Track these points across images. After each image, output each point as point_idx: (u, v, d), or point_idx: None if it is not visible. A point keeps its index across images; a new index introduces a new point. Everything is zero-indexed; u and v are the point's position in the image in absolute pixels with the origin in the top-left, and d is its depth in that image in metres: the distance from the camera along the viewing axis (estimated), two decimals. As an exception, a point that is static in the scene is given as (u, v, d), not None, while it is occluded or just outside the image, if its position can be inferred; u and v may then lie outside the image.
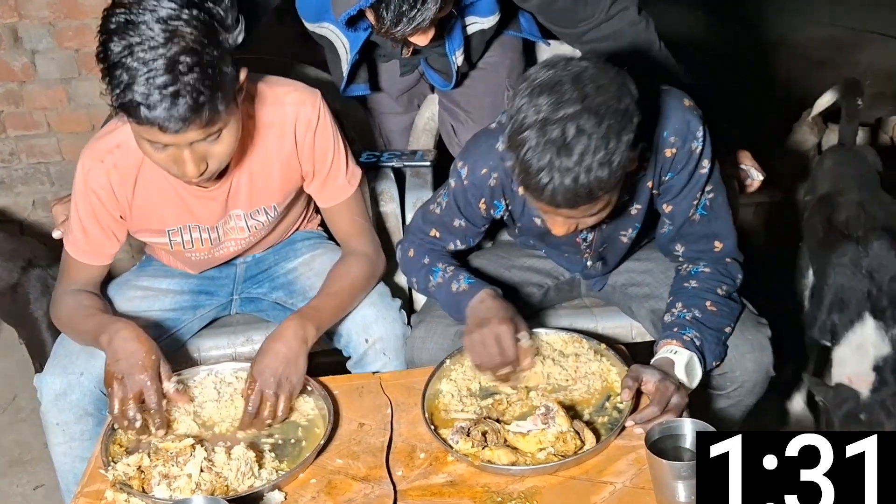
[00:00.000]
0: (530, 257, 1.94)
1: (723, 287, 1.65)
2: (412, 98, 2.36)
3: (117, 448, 1.49)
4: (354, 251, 1.79)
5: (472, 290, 1.64)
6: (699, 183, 1.62)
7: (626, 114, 1.35)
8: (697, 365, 1.54)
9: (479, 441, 1.41)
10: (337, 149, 1.73)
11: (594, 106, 1.33)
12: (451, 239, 1.79)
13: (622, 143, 1.34)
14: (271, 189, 1.72)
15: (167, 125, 1.35)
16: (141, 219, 1.69)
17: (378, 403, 1.58)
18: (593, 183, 1.34)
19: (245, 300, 1.94)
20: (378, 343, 1.74)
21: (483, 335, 1.53)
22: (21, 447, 2.48)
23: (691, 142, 1.57)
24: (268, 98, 1.64)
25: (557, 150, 1.32)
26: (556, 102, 1.33)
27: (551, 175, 1.34)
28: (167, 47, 1.32)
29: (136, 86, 1.32)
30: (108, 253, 1.72)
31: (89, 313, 1.66)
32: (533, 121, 1.34)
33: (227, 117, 1.43)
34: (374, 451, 1.47)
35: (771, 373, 1.68)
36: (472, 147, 1.70)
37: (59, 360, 1.71)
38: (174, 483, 1.35)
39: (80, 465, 1.68)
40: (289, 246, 1.95)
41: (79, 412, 1.68)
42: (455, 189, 1.71)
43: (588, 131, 1.32)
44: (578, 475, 1.38)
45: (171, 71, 1.32)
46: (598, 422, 1.49)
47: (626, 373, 1.52)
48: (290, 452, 1.48)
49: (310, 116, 1.67)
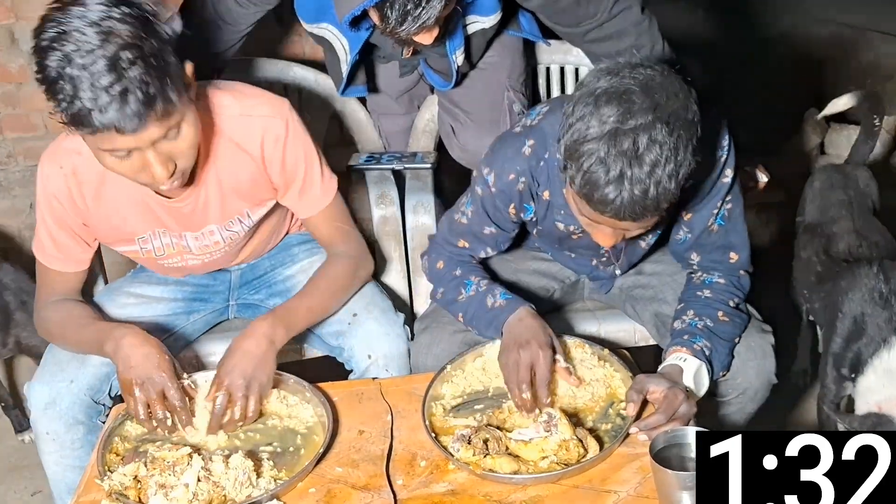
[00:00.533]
0: (536, 260, 1.92)
1: (734, 299, 1.64)
2: (412, 99, 2.35)
3: (113, 457, 1.47)
4: (339, 253, 1.76)
5: (511, 305, 1.61)
6: (721, 192, 1.60)
7: (692, 124, 1.33)
8: (705, 374, 1.53)
9: (481, 449, 1.39)
10: (309, 160, 1.69)
11: (665, 116, 1.30)
12: (482, 247, 1.76)
13: (689, 153, 1.32)
14: (242, 199, 1.68)
15: (123, 125, 1.31)
16: (106, 227, 1.65)
17: (378, 410, 1.56)
18: (661, 195, 1.31)
19: (242, 306, 1.92)
20: (381, 359, 1.72)
21: (520, 357, 1.50)
22: (19, 453, 2.46)
23: (716, 150, 1.55)
24: (234, 109, 1.60)
25: (629, 162, 1.29)
26: (627, 112, 1.30)
27: (620, 188, 1.30)
28: (104, 48, 1.29)
29: (82, 93, 1.29)
30: (81, 258, 1.69)
31: (83, 322, 1.64)
32: (600, 132, 1.31)
33: (182, 108, 1.39)
34: (374, 459, 1.45)
35: (773, 380, 1.66)
36: (497, 152, 1.66)
37: (49, 368, 1.69)
38: (171, 493, 1.33)
39: (71, 473, 1.67)
40: (284, 251, 1.93)
41: (69, 421, 1.66)
42: (483, 197, 1.68)
43: (660, 142, 1.29)
44: (582, 484, 1.36)
45: (113, 69, 1.29)
46: (602, 429, 1.47)
47: (629, 379, 1.50)
48: (288, 461, 1.46)
49: (278, 131, 1.62)
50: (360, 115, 2.34)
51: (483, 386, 1.60)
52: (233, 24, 1.93)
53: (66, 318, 1.66)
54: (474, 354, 1.64)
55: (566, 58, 2.30)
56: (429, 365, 1.70)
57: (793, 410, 2.46)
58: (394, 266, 2.06)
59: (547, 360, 1.50)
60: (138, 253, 1.72)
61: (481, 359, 1.64)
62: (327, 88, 2.31)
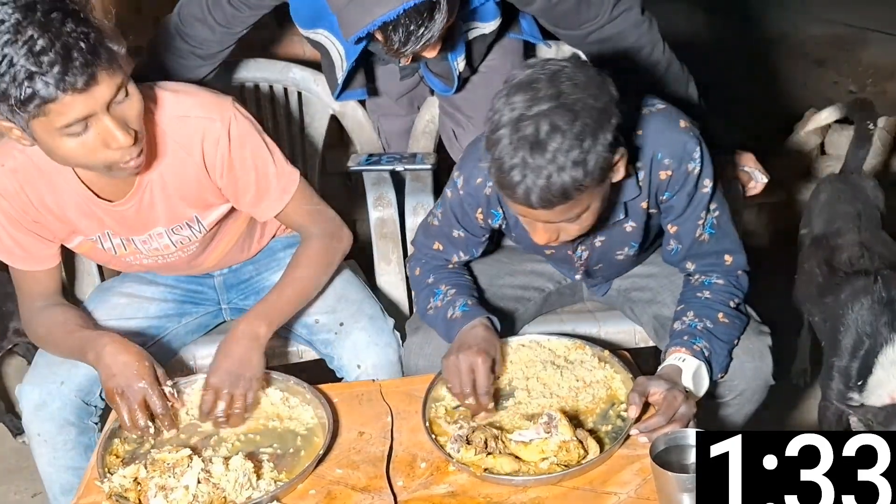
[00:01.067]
0: (532, 261, 1.92)
1: (734, 300, 1.64)
2: (412, 100, 2.35)
3: (113, 459, 1.47)
4: (311, 234, 1.73)
5: (466, 317, 1.62)
6: (702, 202, 1.60)
7: (603, 113, 1.33)
8: (705, 374, 1.53)
9: (481, 448, 1.39)
10: (260, 162, 1.63)
11: (569, 103, 1.31)
12: (454, 251, 1.76)
13: (598, 142, 1.32)
14: (188, 202, 1.64)
15: (74, 81, 1.26)
16: (56, 226, 1.62)
17: (378, 411, 1.57)
18: (567, 183, 1.32)
19: (234, 310, 1.92)
20: (370, 369, 1.72)
21: (459, 361, 1.51)
22: (19, 454, 2.46)
23: (687, 163, 1.55)
24: (173, 109, 1.55)
25: (530, 148, 1.31)
26: (531, 100, 1.32)
27: (524, 173, 1.32)
28: (28, 17, 1.24)
29: (21, 65, 1.23)
30: (48, 254, 1.66)
31: (68, 329, 1.63)
32: (507, 119, 1.33)
33: (125, 67, 1.35)
34: (374, 461, 1.45)
35: (771, 381, 1.66)
36: (467, 156, 1.68)
37: (39, 370, 1.69)
38: (171, 495, 1.34)
39: (65, 474, 1.67)
40: (269, 256, 1.91)
41: (60, 422, 1.66)
42: (451, 200, 1.69)
43: (562, 128, 1.30)
44: (582, 485, 1.36)
45: (47, 30, 1.24)
46: (602, 431, 1.46)
47: (630, 381, 1.50)
48: (288, 463, 1.46)
49: (218, 133, 1.57)
50: (359, 116, 2.34)
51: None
52: (226, 25, 1.93)
53: (52, 325, 1.65)
54: (474, 356, 1.64)
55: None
56: (420, 365, 1.71)
57: (792, 411, 2.47)
58: (391, 268, 2.06)
59: (485, 366, 1.50)
60: (91, 245, 1.67)
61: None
62: (327, 89, 2.31)
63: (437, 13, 1.59)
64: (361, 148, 2.35)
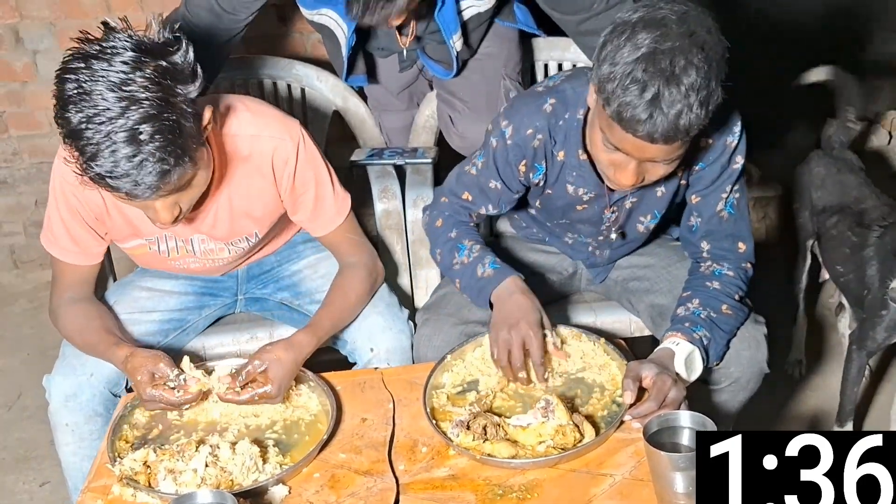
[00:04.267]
0: (534, 252, 1.94)
1: (739, 293, 1.66)
2: (412, 95, 2.38)
3: (123, 444, 1.50)
4: (353, 264, 1.79)
5: (498, 275, 1.63)
6: (731, 178, 1.62)
7: (723, 59, 1.35)
8: (699, 359, 1.55)
9: (480, 434, 1.42)
10: (321, 180, 1.71)
11: (700, 42, 1.32)
12: (484, 203, 1.76)
13: (719, 85, 1.34)
14: (252, 220, 1.72)
15: (136, 193, 1.35)
16: (119, 222, 1.67)
17: (380, 398, 1.60)
18: (693, 120, 1.32)
19: (250, 300, 1.95)
20: (383, 353, 1.75)
21: (511, 337, 1.53)
22: (27, 444, 2.49)
23: (727, 136, 1.58)
24: (246, 129, 1.61)
25: (667, 80, 1.30)
26: (664, 35, 1.31)
27: (656, 105, 1.30)
28: (125, 116, 1.30)
29: (101, 158, 1.31)
30: (95, 252, 1.71)
31: (91, 332, 1.67)
32: (637, 55, 1.31)
33: (194, 168, 1.42)
34: (377, 446, 1.48)
35: (765, 369, 1.68)
36: (517, 107, 1.67)
37: (69, 360, 1.72)
38: (180, 478, 1.37)
39: (87, 463, 1.69)
40: (290, 248, 1.95)
41: (88, 413, 1.70)
42: (497, 149, 1.69)
43: (696, 65, 1.30)
44: (578, 468, 1.39)
45: (132, 142, 1.30)
46: (598, 415, 1.50)
47: (625, 367, 1.54)
48: (293, 447, 1.49)
49: (288, 152, 1.64)
50: (361, 111, 2.37)
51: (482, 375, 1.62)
52: (232, 12, 1.96)
53: (76, 325, 1.70)
54: (474, 344, 1.67)
55: (564, 54, 2.33)
56: (429, 356, 1.73)
57: (788, 403, 2.50)
58: (396, 258, 2.10)
59: (539, 340, 1.53)
60: (146, 248, 1.73)
61: (481, 349, 1.67)
62: (329, 86, 2.34)
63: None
64: (364, 143, 2.38)
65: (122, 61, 1.31)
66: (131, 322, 1.79)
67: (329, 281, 1.78)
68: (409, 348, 1.79)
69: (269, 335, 1.89)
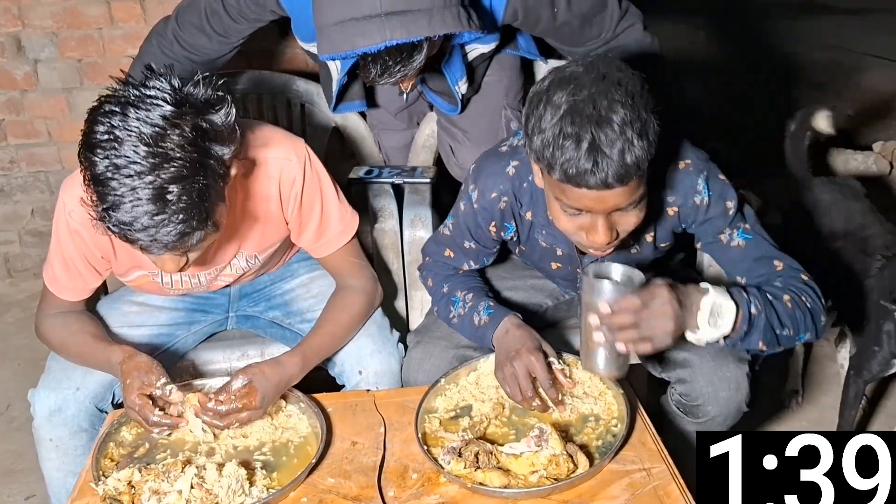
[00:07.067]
0: (532, 277, 1.93)
1: (809, 300, 1.51)
2: (411, 115, 2.37)
3: (108, 462, 1.48)
4: (352, 287, 1.77)
5: (494, 320, 1.64)
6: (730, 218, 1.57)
7: (644, 90, 1.34)
8: (728, 316, 1.40)
9: (472, 462, 1.40)
10: (326, 201, 1.70)
11: (616, 80, 1.32)
12: (465, 260, 1.78)
13: (650, 112, 1.33)
14: (253, 243, 1.70)
15: (151, 250, 1.34)
16: (124, 258, 1.65)
17: (371, 422, 1.58)
18: (638, 153, 1.30)
19: (241, 317, 1.94)
20: (371, 376, 1.74)
21: (515, 369, 1.52)
22: (13, 457, 2.46)
23: (693, 196, 1.56)
24: (248, 152, 1.58)
25: (597, 124, 1.29)
26: (577, 87, 1.32)
27: (597, 150, 1.29)
28: (154, 174, 1.26)
29: (122, 209, 1.28)
30: (90, 287, 1.70)
31: (83, 338, 1.66)
32: (560, 113, 1.31)
33: (215, 232, 1.41)
34: (367, 471, 1.46)
35: (744, 409, 1.62)
36: (481, 169, 1.68)
37: (54, 374, 1.70)
38: (164, 499, 1.35)
39: (72, 479, 1.67)
40: (284, 267, 1.94)
41: (73, 428, 1.67)
42: (464, 213, 1.71)
43: (620, 101, 1.30)
44: (571, 499, 1.37)
45: (158, 200, 1.27)
46: (592, 445, 1.48)
47: (621, 396, 1.52)
48: (281, 470, 1.47)
49: (294, 173, 1.63)
50: (360, 129, 2.36)
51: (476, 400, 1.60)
52: (224, 35, 1.96)
53: (66, 334, 1.68)
54: (468, 369, 1.66)
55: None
56: (419, 380, 1.71)
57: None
58: (391, 278, 2.08)
59: (541, 363, 1.52)
60: (148, 279, 1.72)
61: (475, 373, 1.65)
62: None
63: (417, 53, 1.63)
64: (362, 161, 2.37)
65: (161, 115, 1.28)
66: (120, 336, 1.77)
67: (322, 301, 1.76)
68: (398, 370, 1.77)
69: (261, 353, 1.87)
